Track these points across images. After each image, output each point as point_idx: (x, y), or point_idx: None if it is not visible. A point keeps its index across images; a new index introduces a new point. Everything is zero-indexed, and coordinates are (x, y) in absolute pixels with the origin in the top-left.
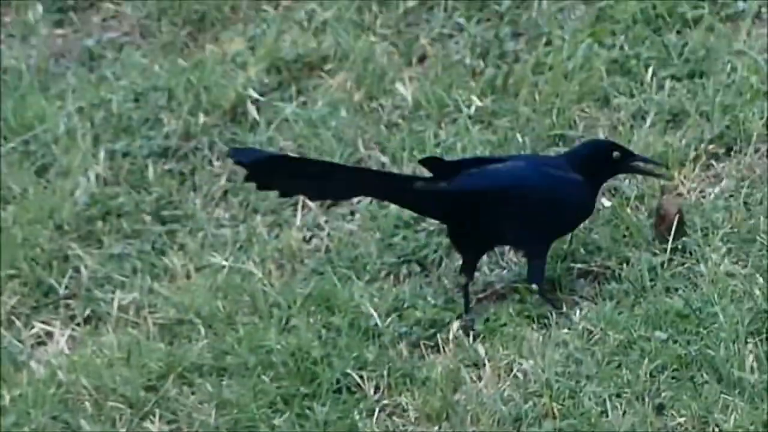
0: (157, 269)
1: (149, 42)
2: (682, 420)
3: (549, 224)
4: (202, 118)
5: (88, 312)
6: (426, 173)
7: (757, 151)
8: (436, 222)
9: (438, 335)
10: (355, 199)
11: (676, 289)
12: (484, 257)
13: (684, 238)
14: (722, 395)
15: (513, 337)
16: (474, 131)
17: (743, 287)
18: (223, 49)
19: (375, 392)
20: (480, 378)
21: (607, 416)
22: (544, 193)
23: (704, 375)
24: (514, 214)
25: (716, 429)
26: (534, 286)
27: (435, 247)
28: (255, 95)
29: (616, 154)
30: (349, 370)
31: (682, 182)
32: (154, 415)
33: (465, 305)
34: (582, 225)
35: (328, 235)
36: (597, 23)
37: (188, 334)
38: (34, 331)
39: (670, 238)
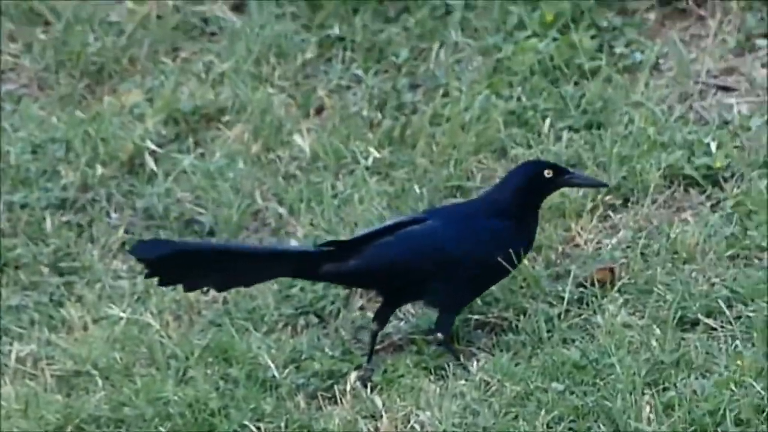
0: (55, 321)
1: (47, 94)
2: None
3: (472, 283)
4: (99, 170)
5: None
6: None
7: (654, 201)
8: None
9: (335, 387)
10: None
11: (573, 341)
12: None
13: (580, 289)
14: None
15: (410, 389)
16: (371, 182)
17: (640, 338)
18: (121, 101)
19: None
20: (377, 429)
21: None
22: (466, 255)
23: (601, 426)
24: (431, 279)
25: None
26: (439, 335)
27: (332, 298)
28: (153, 147)
29: (547, 172)
30: (246, 422)
31: (578, 233)
32: None
33: (369, 352)
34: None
35: None
36: (494, 75)
37: (86, 385)
38: None
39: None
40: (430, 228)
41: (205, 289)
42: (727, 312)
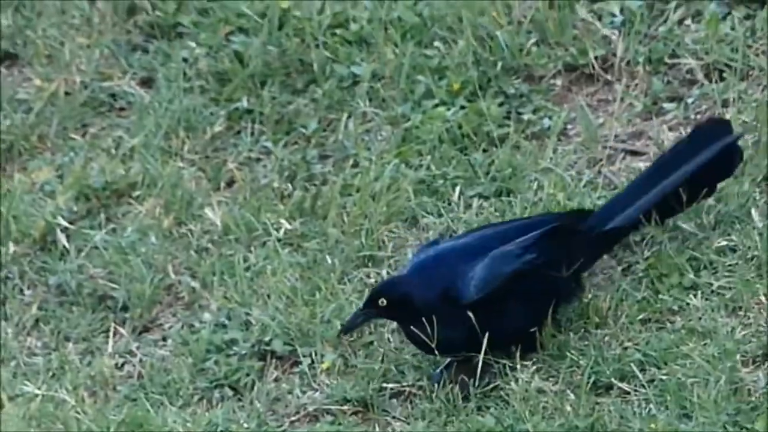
0: None
1: None
2: None
3: None
4: (12, 248)
5: None
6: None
7: None
8: (248, 346)
9: None
10: (167, 324)
11: (488, 408)
12: (296, 380)
13: (488, 356)
14: None
15: None
16: (283, 254)
17: (554, 404)
18: (31, 178)
19: None
20: None
21: None
22: None
23: None
24: None
25: None
26: None
27: (247, 370)
28: (64, 223)
29: None
30: None
31: None
32: None
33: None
34: (393, 345)
35: (140, 361)
36: (403, 144)
37: None
38: None
39: None
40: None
41: None
42: (640, 375)
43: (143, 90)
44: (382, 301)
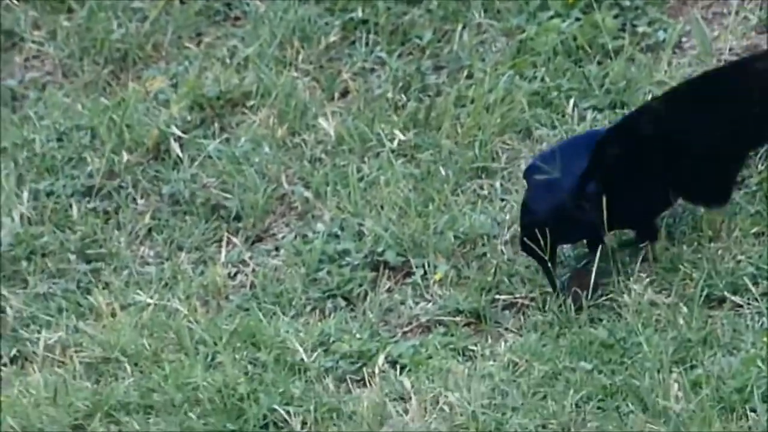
0: (83, 308)
1: (71, 81)
2: None
3: None
4: (125, 157)
5: (14, 352)
6: None
7: None
8: (361, 256)
9: (364, 369)
10: (280, 234)
11: (601, 320)
12: (409, 291)
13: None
14: (647, 424)
15: (439, 370)
16: (397, 165)
17: (667, 317)
18: (145, 87)
19: (302, 427)
20: (406, 411)
21: None
22: None
23: (629, 404)
24: None
25: None
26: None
27: (360, 281)
28: (178, 133)
29: None
30: (275, 406)
31: None
32: None
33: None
34: (506, 256)
35: (253, 271)
36: (518, 56)
37: (114, 372)
38: None
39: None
40: None
41: None
42: (753, 289)
43: None
44: None
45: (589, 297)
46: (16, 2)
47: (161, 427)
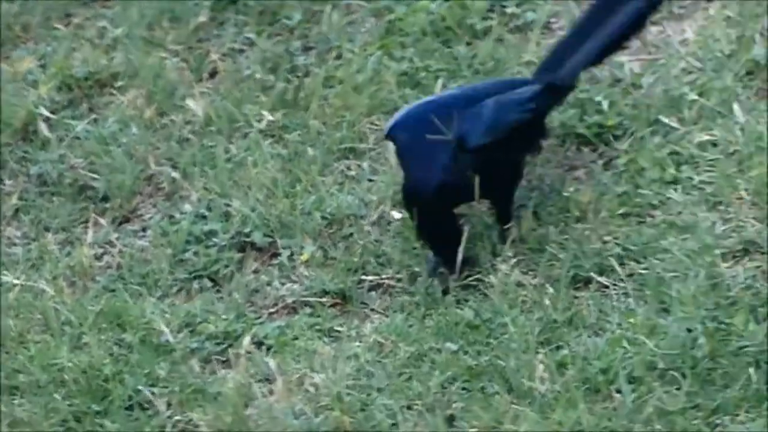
0: None
1: None
2: (473, 431)
3: None
4: None
5: None
6: None
7: (547, 161)
8: (228, 237)
9: (230, 350)
10: (147, 215)
11: (467, 301)
12: (275, 272)
13: (472, 251)
14: (512, 405)
15: (304, 351)
16: (265, 145)
17: (533, 297)
18: (14, 67)
19: (167, 408)
20: (272, 392)
21: (398, 428)
22: None
23: (495, 385)
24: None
25: None
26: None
27: (226, 262)
28: (46, 113)
29: None
30: (140, 387)
31: None
32: None
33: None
34: (373, 237)
35: (120, 251)
36: (386, 36)
37: None
38: None
39: None
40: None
41: None
42: (619, 270)
43: None
44: None
45: (456, 278)
46: None
47: (26, 408)
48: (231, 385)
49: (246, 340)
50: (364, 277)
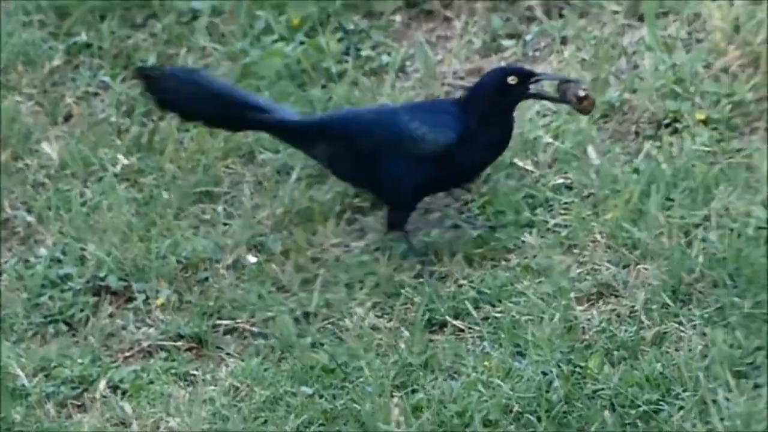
0: None
1: None
2: None
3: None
4: None
5: None
6: None
7: None
8: (83, 281)
9: (85, 394)
10: (2, 259)
11: (323, 344)
12: (131, 315)
13: (328, 295)
14: None
15: (160, 395)
16: (120, 189)
17: (388, 341)
18: None
19: None
20: None
21: None
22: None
23: (350, 429)
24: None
25: None
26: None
27: (82, 306)
28: None
29: (511, 78)
30: None
31: (327, 236)
32: None
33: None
34: (228, 282)
35: None
36: (242, 79)
37: None
38: None
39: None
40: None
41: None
42: (475, 313)
43: None
44: None
45: (311, 321)
46: None
47: None
48: (86, 429)
49: (101, 384)
50: (219, 321)
